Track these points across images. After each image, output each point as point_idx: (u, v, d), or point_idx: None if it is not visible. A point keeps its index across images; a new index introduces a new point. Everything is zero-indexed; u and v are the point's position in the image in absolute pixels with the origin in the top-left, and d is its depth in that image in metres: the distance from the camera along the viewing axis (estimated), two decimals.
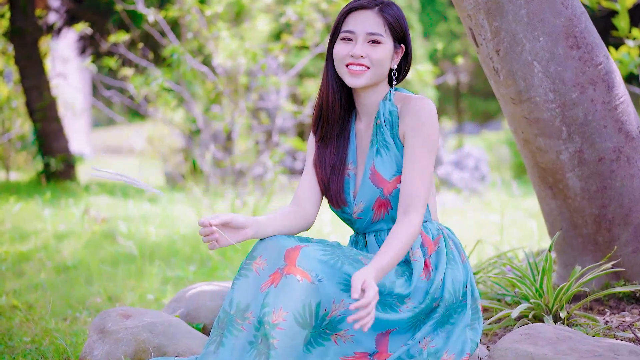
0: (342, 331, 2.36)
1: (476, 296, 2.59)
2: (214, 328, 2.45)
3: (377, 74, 2.52)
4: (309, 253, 2.33)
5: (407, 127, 2.48)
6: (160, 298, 4.23)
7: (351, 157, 2.63)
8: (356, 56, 2.48)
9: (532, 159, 3.26)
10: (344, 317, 2.34)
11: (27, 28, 10.73)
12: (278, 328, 2.24)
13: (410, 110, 2.49)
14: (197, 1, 7.56)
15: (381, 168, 2.54)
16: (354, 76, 2.50)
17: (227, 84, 7.72)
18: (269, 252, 2.41)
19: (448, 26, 21.36)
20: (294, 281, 2.28)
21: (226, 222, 2.41)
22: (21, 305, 3.92)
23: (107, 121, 28.70)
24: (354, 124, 2.66)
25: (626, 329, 2.83)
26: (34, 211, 7.24)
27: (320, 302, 2.31)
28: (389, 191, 2.52)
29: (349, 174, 2.62)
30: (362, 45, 2.49)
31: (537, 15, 3.01)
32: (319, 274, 2.32)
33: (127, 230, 6.36)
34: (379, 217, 2.57)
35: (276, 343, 2.23)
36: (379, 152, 2.55)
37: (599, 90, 3.07)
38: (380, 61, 2.50)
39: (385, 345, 2.40)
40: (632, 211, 3.14)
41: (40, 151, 10.94)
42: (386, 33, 2.50)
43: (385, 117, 2.55)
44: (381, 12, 2.50)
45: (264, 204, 6.95)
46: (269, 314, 2.26)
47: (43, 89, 10.83)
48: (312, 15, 7.76)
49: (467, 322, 2.50)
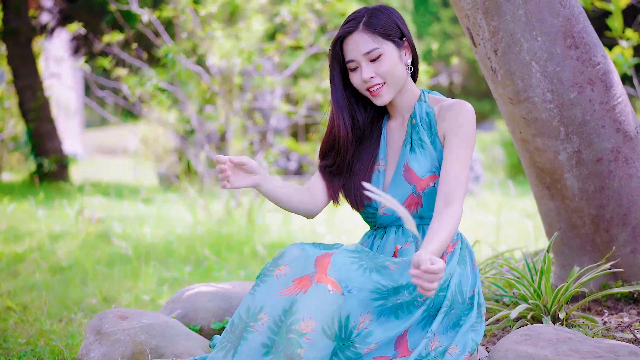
0: (372, 345, 2.34)
1: (481, 302, 2.61)
2: (225, 332, 2.39)
3: (395, 82, 2.57)
4: (339, 261, 2.32)
5: (448, 128, 2.54)
6: (156, 299, 4.21)
7: (382, 154, 2.69)
8: (367, 80, 2.54)
9: (529, 159, 3.26)
10: (371, 331, 2.34)
11: (21, 28, 10.70)
12: (306, 338, 2.20)
13: (450, 112, 2.55)
14: (191, 1, 7.54)
15: (415, 165, 2.58)
16: (376, 97, 2.58)
17: (222, 84, 7.70)
18: (296, 259, 2.37)
19: (441, 27, 21.39)
20: (325, 291, 2.26)
21: (241, 163, 2.49)
22: (16, 306, 3.89)
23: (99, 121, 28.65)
24: (386, 122, 2.72)
25: (625, 330, 2.82)
26: (27, 212, 7.22)
27: (350, 314, 2.30)
28: (422, 188, 2.56)
29: (379, 169, 2.67)
30: (366, 67, 2.54)
31: (535, 15, 3.00)
32: (349, 284, 2.30)
33: (122, 231, 6.34)
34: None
35: (303, 353, 2.19)
36: (413, 149, 2.60)
37: (597, 90, 3.06)
38: (389, 71, 2.54)
39: (405, 344, 2.40)
40: (630, 211, 3.13)
41: (34, 152, 10.91)
42: (381, 41, 2.53)
43: (421, 117, 2.61)
44: (366, 27, 2.53)
45: (259, 204, 6.94)
46: (298, 322, 2.22)
47: (36, 89, 10.80)
48: (306, 15, 7.75)
49: (472, 322, 2.51)
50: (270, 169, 7.76)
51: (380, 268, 2.38)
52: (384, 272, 2.37)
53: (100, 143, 23.82)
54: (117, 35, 7.70)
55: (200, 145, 8.50)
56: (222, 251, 5.49)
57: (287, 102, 10.27)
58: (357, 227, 6.90)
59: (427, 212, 2.58)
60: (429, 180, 2.56)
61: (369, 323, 2.34)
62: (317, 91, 7.84)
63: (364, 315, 2.33)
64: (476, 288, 2.59)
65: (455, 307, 2.51)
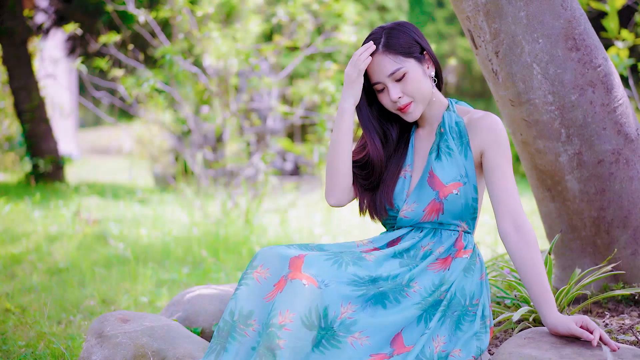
0: (356, 333, 2.35)
1: (487, 314, 2.62)
2: (214, 337, 2.44)
3: (423, 98, 2.61)
4: (313, 260, 2.37)
5: (484, 143, 2.58)
6: (155, 301, 4.20)
7: (409, 160, 2.72)
8: (396, 100, 2.58)
9: (530, 161, 3.26)
10: (356, 320, 2.36)
11: (16, 28, 10.66)
12: (285, 329, 2.23)
13: (483, 126, 2.60)
14: (187, 2, 7.52)
15: (440, 172, 2.60)
16: (406, 114, 2.62)
17: (219, 85, 7.69)
18: (271, 261, 2.42)
19: (436, 27, 21.38)
20: (300, 285, 2.30)
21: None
22: (14, 308, 3.88)
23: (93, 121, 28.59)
24: (414, 131, 2.76)
25: (627, 332, 2.82)
26: (23, 213, 7.19)
27: (329, 305, 2.33)
28: (444, 195, 2.58)
29: (405, 175, 2.70)
30: (392, 87, 2.58)
31: (537, 17, 3.00)
32: (325, 278, 2.35)
33: (118, 232, 6.32)
34: (428, 219, 2.63)
35: (282, 343, 2.21)
36: (439, 157, 2.63)
37: (598, 92, 3.06)
38: (415, 88, 2.58)
39: (400, 342, 2.41)
40: (631, 213, 3.13)
41: (29, 152, 10.87)
42: (402, 60, 2.57)
43: (450, 126, 2.64)
44: (385, 48, 2.58)
45: (257, 205, 6.93)
46: (276, 316, 2.26)
47: (31, 89, 10.77)
48: (303, 16, 7.74)
49: (476, 330, 2.52)
50: (267, 170, 7.75)
51: (357, 260, 2.46)
52: (361, 264, 2.45)
53: (94, 143, 23.77)
54: (114, 36, 7.68)
55: (197, 146, 8.49)
56: (220, 252, 5.48)
57: (284, 102, 10.25)
58: (354, 229, 6.90)
59: (448, 219, 2.61)
60: (452, 187, 2.58)
61: (352, 313, 2.37)
62: (313, 92, 7.83)
63: (345, 306, 2.36)
64: (482, 299, 2.60)
65: (455, 309, 2.52)
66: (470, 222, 2.64)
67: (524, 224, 2.49)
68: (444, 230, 2.63)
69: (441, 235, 2.62)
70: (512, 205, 2.52)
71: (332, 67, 7.83)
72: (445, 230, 2.63)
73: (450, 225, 2.62)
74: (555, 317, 2.39)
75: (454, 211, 2.59)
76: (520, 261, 2.47)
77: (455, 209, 2.59)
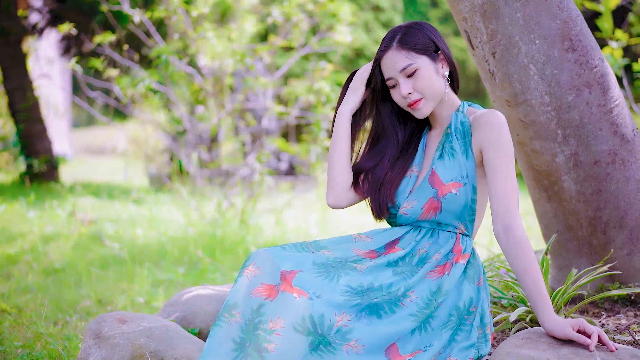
0: (352, 341, 2.35)
1: (486, 322, 2.60)
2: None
3: (433, 95, 2.62)
4: (303, 277, 2.39)
5: (484, 141, 2.57)
6: (151, 301, 4.19)
7: (417, 161, 2.74)
8: (406, 95, 2.60)
9: (527, 161, 3.26)
10: (352, 329, 2.35)
11: (10, 28, 10.63)
12: (275, 334, 2.24)
13: (483, 122, 2.58)
14: (182, 2, 7.52)
15: (441, 171, 2.61)
16: (416, 110, 2.64)
17: (214, 85, 7.68)
18: (263, 263, 2.42)
19: None
20: (291, 298, 2.31)
21: None
22: (10, 308, 3.87)
23: (86, 121, 28.54)
24: (426, 132, 2.79)
25: (623, 332, 2.83)
26: (18, 213, 7.18)
27: (324, 314, 2.32)
28: (442, 193, 2.58)
29: (411, 175, 2.71)
30: (404, 83, 2.60)
31: (533, 18, 3.01)
32: (316, 290, 2.37)
33: (114, 232, 6.31)
34: (426, 217, 2.63)
35: (272, 347, 2.21)
36: (442, 157, 2.64)
37: (594, 93, 3.07)
38: (426, 85, 2.60)
39: (395, 351, 2.40)
40: (627, 214, 3.14)
41: (23, 152, 10.85)
42: (415, 56, 2.59)
43: (456, 127, 2.65)
44: (399, 44, 2.60)
45: (252, 205, 6.93)
46: (266, 322, 2.26)
47: (26, 89, 10.74)
48: (298, 16, 7.75)
49: (473, 341, 2.51)
50: (261, 170, 7.75)
51: (349, 271, 2.47)
52: (352, 274, 2.46)
53: (88, 143, 23.73)
54: (109, 36, 7.67)
55: (192, 145, 8.48)
56: (216, 253, 5.48)
57: (279, 103, 10.25)
58: (351, 229, 6.90)
59: (446, 219, 2.61)
60: (452, 187, 2.58)
61: (347, 322, 2.36)
62: (309, 92, 7.84)
63: (339, 315, 2.36)
64: (479, 306, 2.58)
65: (452, 319, 2.51)
66: (468, 225, 2.63)
67: (513, 225, 2.46)
68: (442, 231, 2.62)
69: (439, 236, 2.62)
70: (505, 205, 2.49)
71: (327, 67, 7.84)
72: (443, 231, 2.62)
73: (448, 226, 2.61)
74: (552, 319, 2.38)
75: (453, 211, 2.59)
76: (513, 262, 2.46)
77: (453, 208, 2.58)
